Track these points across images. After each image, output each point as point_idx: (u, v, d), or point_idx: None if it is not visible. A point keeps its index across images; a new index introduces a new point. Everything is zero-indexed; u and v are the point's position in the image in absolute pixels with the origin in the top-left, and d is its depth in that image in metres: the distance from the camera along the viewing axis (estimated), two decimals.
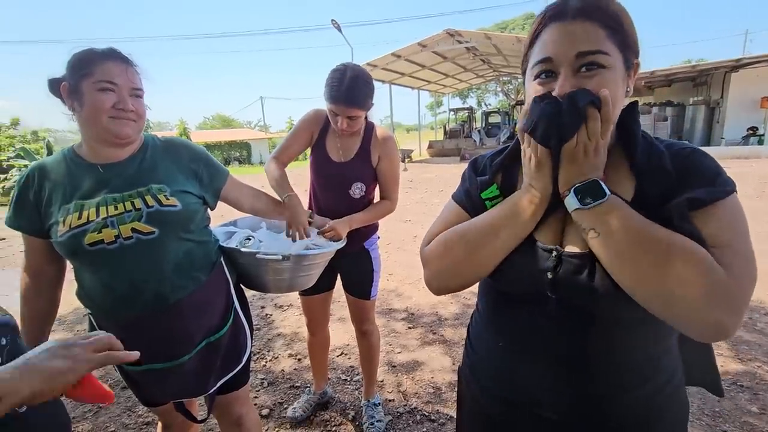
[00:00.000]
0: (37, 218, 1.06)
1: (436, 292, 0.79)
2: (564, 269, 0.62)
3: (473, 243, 0.69)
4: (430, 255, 0.77)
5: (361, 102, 1.48)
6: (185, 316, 1.13)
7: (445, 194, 8.54)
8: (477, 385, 0.82)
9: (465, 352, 0.89)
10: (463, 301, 3.32)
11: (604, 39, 0.59)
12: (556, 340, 0.67)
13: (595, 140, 0.60)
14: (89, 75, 1.00)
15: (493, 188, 0.75)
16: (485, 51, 15.66)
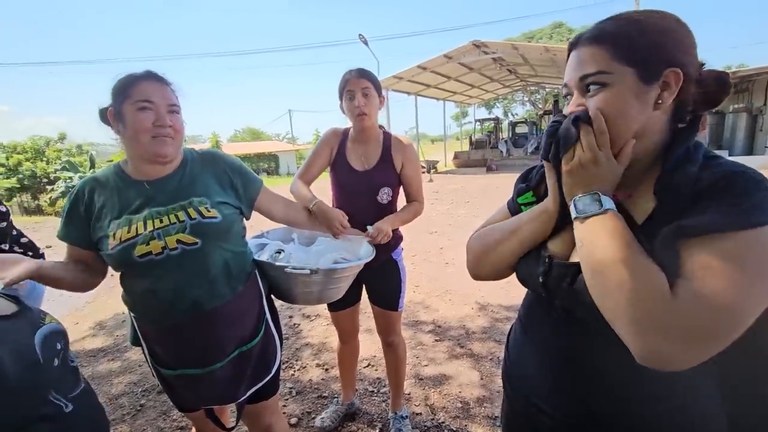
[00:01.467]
0: (87, 231, 1.13)
1: (472, 277, 0.89)
2: (553, 274, 0.68)
3: (493, 240, 0.80)
4: (468, 244, 0.88)
5: (370, 77, 1.61)
6: (220, 324, 1.17)
7: (471, 205, 8.46)
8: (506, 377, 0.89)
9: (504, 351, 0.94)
10: (491, 314, 3.27)
11: (608, 60, 0.62)
12: (555, 341, 0.73)
13: (591, 152, 0.63)
14: (129, 97, 1.07)
15: (528, 195, 0.82)
16: (512, 61, 15.55)
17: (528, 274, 0.74)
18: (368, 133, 1.68)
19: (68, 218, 1.14)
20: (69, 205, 1.14)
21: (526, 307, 0.84)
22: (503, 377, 0.91)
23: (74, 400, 0.67)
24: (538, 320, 0.78)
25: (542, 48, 13.22)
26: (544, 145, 0.68)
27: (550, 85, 21.90)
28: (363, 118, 1.61)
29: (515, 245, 0.76)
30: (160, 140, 1.09)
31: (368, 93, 1.60)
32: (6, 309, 0.66)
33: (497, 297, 3.58)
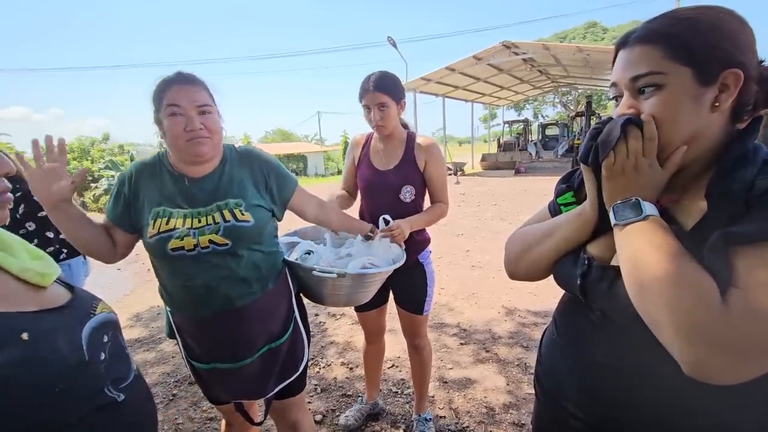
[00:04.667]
0: (127, 213, 1.18)
1: (509, 276, 0.88)
2: (591, 277, 0.67)
3: (531, 240, 0.80)
4: (506, 244, 0.88)
5: (387, 88, 1.59)
6: (250, 320, 1.20)
7: (498, 208, 8.32)
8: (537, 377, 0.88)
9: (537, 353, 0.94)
10: (518, 319, 3.20)
11: (661, 59, 0.59)
12: (591, 344, 0.72)
13: (635, 158, 0.61)
14: (162, 104, 1.10)
15: (568, 196, 0.81)
16: (543, 62, 15.19)
17: (566, 275, 0.73)
18: (389, 137, 1.70)
19: (115, 199, 1.20)
20: (116, 188, 1.20)
21: (562, 309, 0.83)
22: (535, 380, 0.90)
23: (125, 390, 0.68)
24: (574, 323, 0.77)
25: (575, 48, 12.85)
26: (584, 148, 0.67)
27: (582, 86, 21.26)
28: (380, 129, 1.64)
29: (552, 246, 0.76)
30: (195, 142, 1.11)
31: (384, 107, 1.59)
32: (59, 299, 0.68)
33: (525, 302, 3.51)
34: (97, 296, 0.77)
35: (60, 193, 1.05)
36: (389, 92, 1.59)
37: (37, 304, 0.64)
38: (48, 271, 0.68)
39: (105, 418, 0.64)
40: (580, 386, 0.73)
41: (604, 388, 0.69)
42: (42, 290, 0.67)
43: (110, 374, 0.67)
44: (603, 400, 0.70)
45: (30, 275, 0.65)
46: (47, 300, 0.66)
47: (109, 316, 0.74)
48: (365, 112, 1.63)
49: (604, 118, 0.68)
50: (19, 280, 0.65)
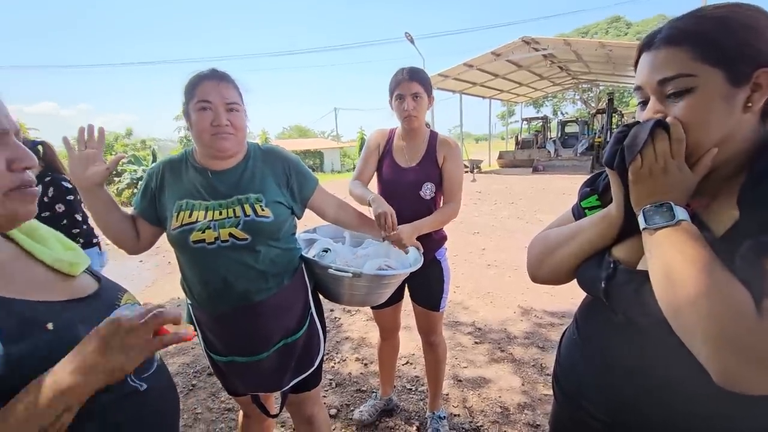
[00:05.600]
0: (153, 206, 1.22)
1: (531, 279, 0.88)
2: (616, 281, 0.66)
3: (554, 243, 0.80)
4: (529, 246, 0.88)
5: (421, 80, 1.61)
6: (266, 315, 1.22)
7: (515, 207, 8.23)
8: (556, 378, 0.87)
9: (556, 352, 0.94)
10: (534, 320, 3.17)
11: (690, 61, 0.57)
12: (613, 348, 0.71)
13: (663, 161, 0.60)
14: (192, 97, 1.14)
15: (592, 199, 0.80)
16: (564, 58, 14.90)
17: (589, 278, 0.73)
18: (415, 132, 1.70)
19: (142, 192, 1.24)
20: (144, 181, 1.25)
21: (584, 311, 0.83)
22: (553, 380, 0.89)
23: (148, 380, 0.70)
24: (597, 326, 0.76)
25: (597, 43, 12.56)
26: (609, 152, 0.66)
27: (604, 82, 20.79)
28: (411, 120, 1.63)
29: (575, 249, 0.75)
30: (219, 137, 1.14)
31: (418, 97, 1.61)
32: (87, 289, 0.71)
33: (542, 302, 3.47)
34: (123, 287, 0.80)
35: (94, 176, 1.11)
36: (423, 83, 1.61)
37: (65, 294, 0.66)
38: (78, 262, 0.71)
39: (128, 406, 0.66)
40: (601, 387, 0.73)
41: (626, 390, 0.69)
42: (71, 279, 0.70)
43: None
44: (624, 402, 0.69)
45: (61, 265, 0.68)
46: (76, 290, 0.69)
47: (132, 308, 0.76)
48: (396, 103, 1.63)
49: (630, 121, 0.66)
50: (51, 269, 0.68)
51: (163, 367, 0.80)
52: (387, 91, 1.68)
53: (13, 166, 0.58)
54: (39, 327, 0.58)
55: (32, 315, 0.59)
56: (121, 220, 1.21)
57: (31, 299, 0.61)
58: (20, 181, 0.59)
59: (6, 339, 0.54)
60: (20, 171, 0.58)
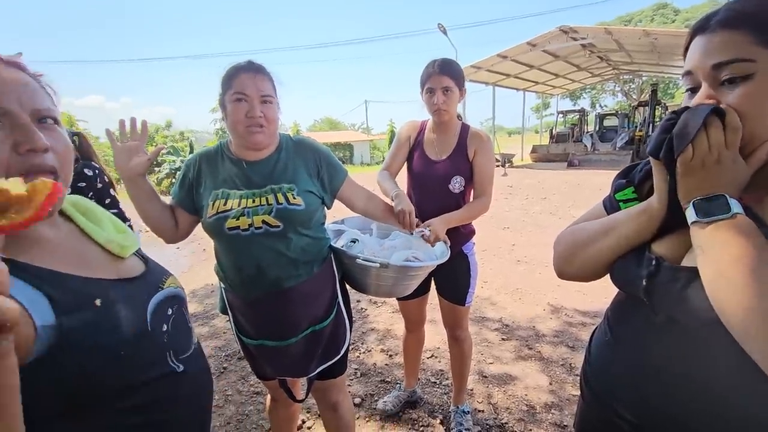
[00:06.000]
0: (190, 195, 1.27)
1: (558, 275, 0.85)
2: (660, 278, 0.63)
3: (586, 237, 0.76)
4: (556, 241, 0.85)
5: (452, 73, 1.57)
6: (296, 302, 1.25)
7: (548, 202, 8.00)
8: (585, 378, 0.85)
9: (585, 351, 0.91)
10: (565, 318, 3.09)
11: (749, 45, 0.53)
12: (649, 347, 0.68)
13: (717, 151, 0.56)
14: (229, 89, 1.17)
15: (628, 191, 0.76)
16: (604, 47, 14.24)
17: (627, 276, 0.69)
18: (446, 125, 1.68)
19: (180, 183, 1.29)
20: (182, 172, 1.30)
21: (617, 309, 0.79)
22: (582, 380, 0.87)
23: (185, 361, 0.73)
24: (631, 325, 0.73)
25: (641, 32, 11.92)
26: (655, 141, 0.62)
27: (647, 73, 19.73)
28: (441, 113, 1.61)
29: (610, 245, 0.71)
30: (252, 130, 1.17)
31: (449, 90, 1.58)
32: (134, 270, 0.75)
33: (573, 301, 3.37)
34: (168, 271, 0.83)
35: (137, 167, 1.16)
36: (454, 77, 1.58)
37: (115, 273, 0.70)
38: (128, 244, 0.75)
39: (165, 386, 0.69)
40: (634, 389, 0.70)
41: (662, 392, 0.66)
42: (121, 261, 0.73)
43: (171, 345, 0.72)
44: (658, 406, 0.66)
45: (113, 246, 0.72)
46: (124, 270, 0.72)
47: (176, 291, 0.79)
48: (427, 96, 1.62)
49: (679, 108, 0.62)
50: (103, 249, 0.72)
51: (200, 350, 0.83)
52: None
53: (19, 149, 0.57)
54: (89, 302, 0.61)
55: (83, 291, 0.62)
56: (161, 209, 1.26)
57: (83, 275, 0.64)
58: (26, 164, 0.57)
59: (58, 311, 0.57)
60: (26, 154, 0.57)
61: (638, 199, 0.74)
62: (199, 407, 0.78)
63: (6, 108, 0.56)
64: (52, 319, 0.57)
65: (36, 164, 0.58)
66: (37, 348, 0.55)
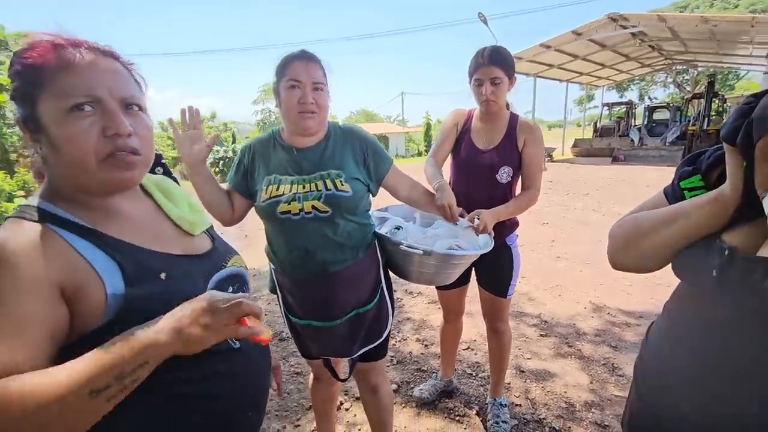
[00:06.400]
0: (245, 180, 1.33)
1: (612, 266, 0.83)
2: (735, 269, 0.60)
3: (648, 226, 0.73)
4: (611, 230, 0.82)
5: (501, 63, 1.53)
6: (341, 285, 1.29)
7: (590, 198, 7.70)
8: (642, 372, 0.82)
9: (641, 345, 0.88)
10: (607, 317, 2.99)
11: None
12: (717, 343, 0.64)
13: None
14: (283, 76, 1.21)
15: (695, 179, 0.73)
16: (656, 36, 13.38)
17: (694, 267, 0.67)
18: (495, 115, 1.65)
19: (236, 169, 1.35)
20: (237, 158, 1.36)
21: (678, 304, 0.76)
22: (636, 374, 0.84)
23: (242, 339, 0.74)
24: (696, 319, 0.70)
25: (698, 18, 11.10)
26: (730, 126, 0.59)
27: (704, 62, 18.39)
28: (489, 104, 1.59)
29: (675, 234, 0.69)
30: (304, 116, 1.21)
31: (498, 81, 1.54)
32: (202, 248, 0.80)
33: (617, 300, 3.25)
34: (234, 250, 0.87)
35: (198, 154, 1.23)
36: (504, 67, 1.54)
37: (182, 249, 0.75)
38: (197, 222, 0.80)
39: (221, 361, 0.72)
40: (702, 389, 0.67)
41: (734, 391, 0.63)
42: (190, 237, 0.79)
43: None
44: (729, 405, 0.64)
45: (182, 223, 0.78)
46: (192, 247, 0.77)
47: (238, 270, 0.83)
48: (475, 87, 1.59)
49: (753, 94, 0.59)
50: (175, 226, 0.77)
51: None
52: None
53: (106, 133, 0.62)
54: (155, 275, 0.66)
55: (152, 264, 0.67)
56: (219, 193, 1.33)
57: (154, 249, 0.69)
58: (113, 147, 0.63)
59: (127, 281, 0.62)
60: (112, 137, 0.62)
61: (705, 188, 0.71)
62: (253, 384, 0.80)
63: (98, 96, 0.62)
64: (122, 287, 0.61)
65: (120, 146, 0.64)
66: (107, 313, 0.60)
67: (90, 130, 0.61)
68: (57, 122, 0.60)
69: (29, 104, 0.61)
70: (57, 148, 0.61)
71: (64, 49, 0.61)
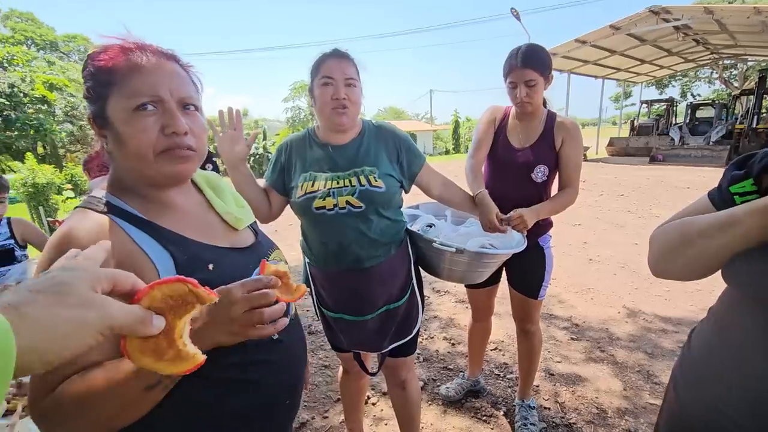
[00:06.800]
0: (281, 178, 1.37)
1: (654, 273, 0.80)
2: None
3: (693, 234, 0.68)
4: (652, 237, 0.79)
5: (536, 64, 1.49)
6: (374, 280, 1.31)
7: (626, 200, 7.42)
8: (684, 379, 0.79)
9: (681, 352, 0.85)
10: (642, 323, 2.88)
11: None
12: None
13: None
14: (317, 74, 1.24)
15: (746, 183, 0.68)
16: (701, 29, 12.69)
17: (750, 274, 0.64)
18: (530, 114, 1.62)
19: (273, 167, 1.40)
20: (274, 157, 1.40)
21: (727, 310, 0.73)
22: (677, 382, 0.82)
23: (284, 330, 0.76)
24: (753, 327, 0.67)
25: (750, 9, 10.44)
26: None
27: (755, 57, 17.29)
28: (525, 106, 1.56)
29: (730, 241, 0.64)
30: (337, 112, 1.24)
31: (532, 83, 1.51)
32: (245, 242, 0.84)
33: (653, 305, 3.13)
34: (275, 244, 0.91)
35: (239, 153, 1.27)
36: (538, 68, 1.50)
37: (228, 242, 0.79)
38: (242, 218, 0.84)
39: (260, 350, 0.76)
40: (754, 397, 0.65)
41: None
42: (236, 232, 0.83)
43: None
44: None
45: (229, 218, 0.82)
46: (237, 240, 0.81)
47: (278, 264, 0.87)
48: (509, 89, 1.57)
49: None
50: (221, 220, 0.81)
51: (297, 321, 0.89)
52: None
53: (165, 131, 0.67)
54: (203, 266, 0.70)
55: (200, 255, 0.71)
56: (258, 191, 1.37)
57: (202, 241, 0.73)
58: (171, 143, 0.67)
59: (179, 270, 0.66)
60: (170, 135, 0.67)
61: (758, 192, 0.67)
62: (290, 374, 0.83)
63: (160, 96, 0.67)
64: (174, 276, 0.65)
65: (177, 143, 0.68)
66: None
67: (152, 127, 0.66)
68: (123, 119, 0.65)
69: (100, 103, 0.66)
70: (122, 143, 0.66)
71: (132, 52, 0.66)
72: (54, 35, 33.09)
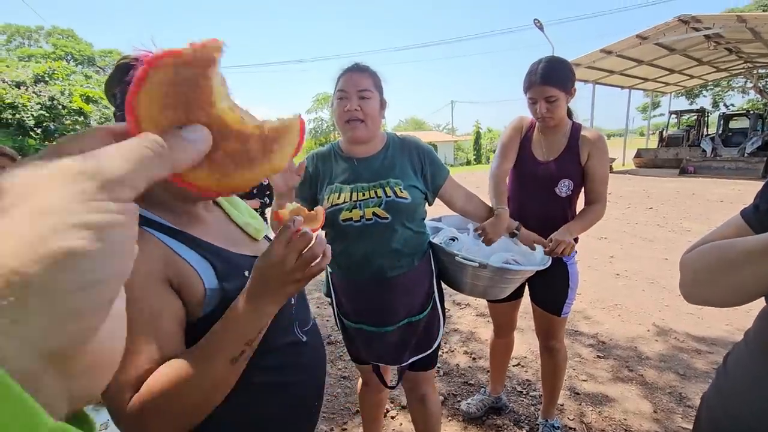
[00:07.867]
0: (308, 190, 1.38)
1: (687, 299, 0.75)
2: None
3: (733, 259, 0.62)
4: (683, 261, 0.75)
5: (556, 80, 1.46)
6: (396, 291, 1.31)
7: (654, 213, 7.18)
8: (722, 410, 0.74)
9: (716, 376, 0.81)
10: (674, 342, 2.76)
11: None
12: None
13: None
14: (336, 88, 1.28)
15: None
16: (734, 38, 12.29)
17: None
18: (554, 128, 1.60)
19: (301, 181, 1.40)
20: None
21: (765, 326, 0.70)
22: (711, 406, 0.78)
23: (307, 333, 0.83)
24: None
25: None
26: None
27: None
28: (546, 121, 1.54)
29: (755, 275, 0.60)
30: (351, 125, 1.26)
31: (552, 99, 1.48)
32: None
33: (685, 324, 3.00)
34: None
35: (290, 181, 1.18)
36: (559, 84, 1.47)
37: (252, 252, 0.82)
38: (261, 228, 0.87)
39: (291, 353, 0.79)
40: None
41: None
42: (255, 242, 0.86)
43: (297, 316, 0.83)
44: None
45: (250, 229, 0.85)
46: (258, 249, 0.84)
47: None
48: (529, 104, 1.55)
49: None
50: (242, 231, 0.85)
51: (316, 326, 0.92)
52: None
53: None
54: (240, 272, 0.73)
55: (235, 262, 0.74)
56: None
57: (231, 250, 0.76)
58: None
59: (219, 278, 0.69)
60: None
61: None
62: (317, 376, 0.87)
63: None
64: (216, 283, 0.68)
65: None
66: (207, 304, 0.67)
67: None
68: None
69: None
70: None
71: None
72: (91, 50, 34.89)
